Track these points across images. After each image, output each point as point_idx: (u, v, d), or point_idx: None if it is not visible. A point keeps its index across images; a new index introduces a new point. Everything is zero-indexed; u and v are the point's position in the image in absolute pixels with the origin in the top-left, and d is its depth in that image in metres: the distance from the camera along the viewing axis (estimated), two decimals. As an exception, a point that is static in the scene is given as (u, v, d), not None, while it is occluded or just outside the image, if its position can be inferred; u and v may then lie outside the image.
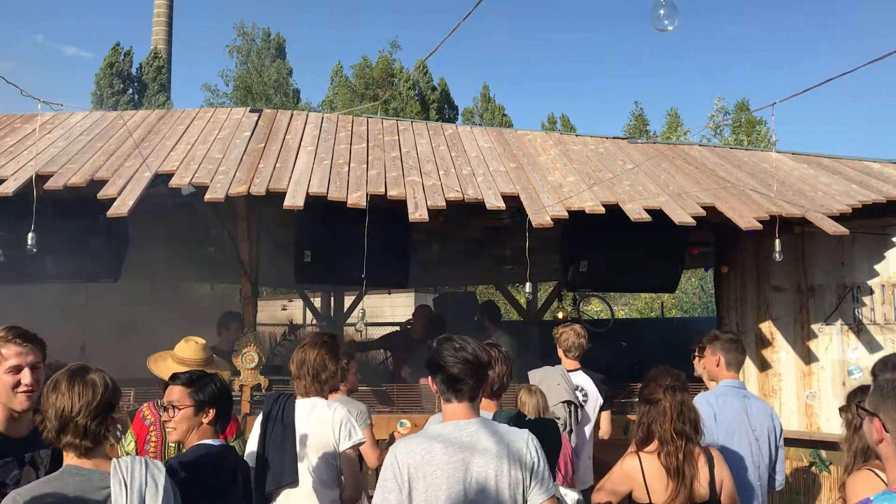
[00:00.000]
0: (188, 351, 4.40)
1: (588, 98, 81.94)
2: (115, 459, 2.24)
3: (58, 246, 5.68)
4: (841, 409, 3.11)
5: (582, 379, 5.31)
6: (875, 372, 1.91)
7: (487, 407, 3.30)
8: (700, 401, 3.97)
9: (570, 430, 5.10)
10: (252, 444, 3.78)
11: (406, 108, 33.61)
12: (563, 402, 5.01)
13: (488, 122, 40.08)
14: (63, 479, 2.15)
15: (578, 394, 5.17)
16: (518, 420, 3.30)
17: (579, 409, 5.12)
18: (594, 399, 5.32)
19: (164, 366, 4.31)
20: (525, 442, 2.53)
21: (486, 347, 2.74)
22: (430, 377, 2.65)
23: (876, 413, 1.84)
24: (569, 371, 5.25)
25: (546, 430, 3.37)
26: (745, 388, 4.20)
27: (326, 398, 3.78)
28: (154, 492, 2.24)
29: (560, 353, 5.39)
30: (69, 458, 2.21)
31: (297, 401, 3.74)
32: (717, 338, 4.14)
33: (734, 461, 3.80)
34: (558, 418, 4.99)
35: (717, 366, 4.06)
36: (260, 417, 3.82)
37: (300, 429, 3.64)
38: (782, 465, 4.02)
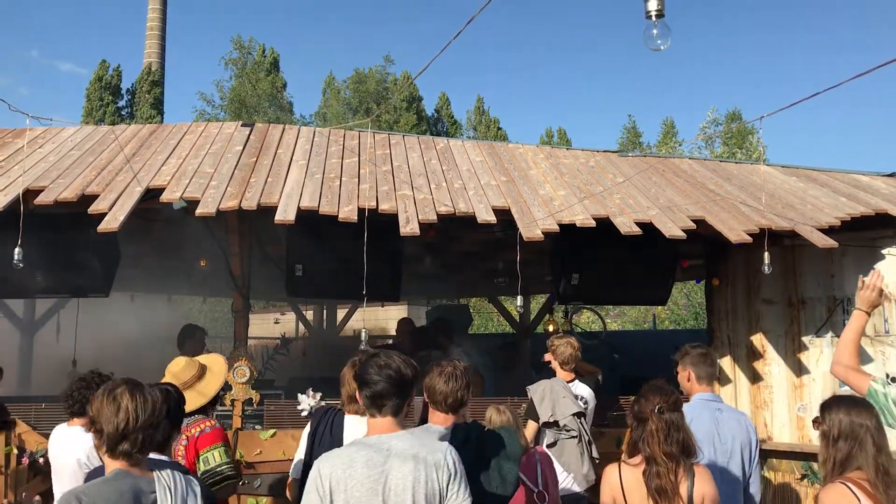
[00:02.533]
0: (174, 365, 4.34)
1: (584, 111, 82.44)
2: (155, 471, 2.41)
3: (48, 261, 5.67)
4: (815, 421, 3.09)
5: (581, 389, 5.34)
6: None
7: (444, 421, 3.30)
8: None
9: (590, 441, 5.11)
10: (300, 454, 3.89)
11: (401, 120, 33.71)
12: (573, 414, 5.02)
13: (482, 136, 40.26)
14: (118, 480, 2.31)
15: (581, 403, 5.19)
16: (478, 431, 3.29)
17: (584, 418, 5.16)
18: (592, 405, 5.40)
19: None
20: (443, 454, 2.61)
21: (412, 363, 2.77)
22: (356, 392, 2.76)
23: None
24: (567, 382, 5.27)
25: (508, 439, 3.35)
26: (720, 401, 4.11)
27: None
28: (194, 501, 2.46)
29: (555, 365, 5.38)
30: (117, 464, 2.36)
31: (346, 416, 3.79)
32: (687, 353, 4.10)
33: None
34: (570, 430, 4.99)
35: (689, 381, 4.04)
36: (307, 429, 3.91)
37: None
38: (757, 479, 3.95)
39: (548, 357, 5.46)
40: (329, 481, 2.54)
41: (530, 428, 5.03)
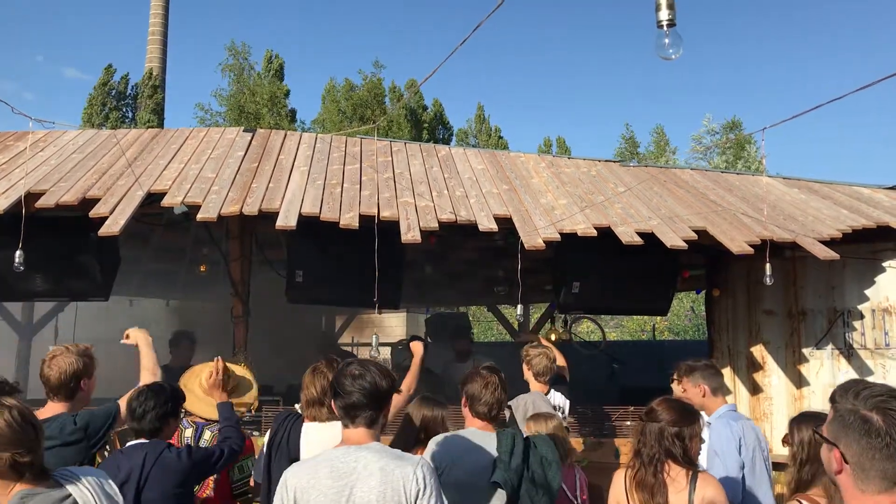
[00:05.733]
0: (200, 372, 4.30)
1: (584, 120, 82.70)
2: (68, 484, 2.27)
3: (48, 264, 5.66)
4: (784, 441, 3.05)
5: (558, 398, 5.24)
6: (835, 398, 1.84)
7: (483, 427, 3.32)
8: (722, 427, 3.93)
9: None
10: (261, 459, 3.75)
11: (394, 127, 33.70)
12: None
13: (483, 143, 40.27)
14: (24, 500, 2.17)
15: (560, 415, 5.11)
16: (522, 438, 3.28)
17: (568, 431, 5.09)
18: (567, 414, 5.31)
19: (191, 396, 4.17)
20: (413, 469, 2.50)
21: (389, 374, 2.70)
22: (332, 400, 2.70)
23: (836, 443, 1.78)
24: (545, 394, 5.18)
25: (550, 445, 3.34)
26: (735, 408, 4.22)
27: None
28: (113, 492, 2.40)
29: (530, 376, 5.18)
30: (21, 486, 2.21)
31: (305, 423, 3.68)
32: (694, 368, 4.11)
33: (758, 488, 3.79)
34: None
35: (704, 396, 4.05)
36: (267, 437, 3.79)
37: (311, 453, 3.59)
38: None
39: (524, 368, 5.29)
40: (294, 491, 2.50)
41: None
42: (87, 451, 3.48)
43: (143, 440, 3.41)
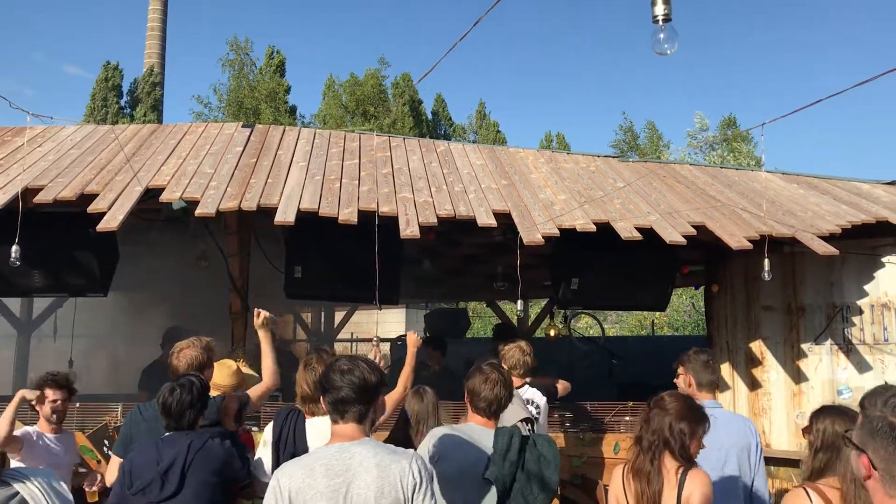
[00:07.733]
0: (219, 376, 4.21)
1: (584, 116, 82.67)
2: (16, 482, 2.36)
3: (47, 260, 5.65)
4: (804, 431, 3.08)
5: (531, 393, 5.23)
6: (864, 404, 1.88)
7: (485, 424, 3.31)
8: None
9: None
10: (266, 461, 3.70)
11: (398, 124, 33.70)
12: (522, 420, 4.91)
13: (483, 139, 40.24)
14: None
15: (531, 408, 5.10)
16: (520, 437, 3.28)
17: (534, 424, 5.05)
18: (545, 411, 5.28)
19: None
20: (408, 463, 2.51)
21: (377, 368, 2.70)
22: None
23: (864, 449, 1.79)
24: (517, 388, 5.16)
25: (549, 445, 3.34)
26: (719, 407, 4.06)
27: None
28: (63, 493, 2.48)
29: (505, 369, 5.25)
30: None
31: (308, 420, 3.67)
32: (689, 359, 4.08)
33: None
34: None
35: (689, 386, 4.04)
36: (270, 434, 3.75)
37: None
38: (764, 485, 3.92)
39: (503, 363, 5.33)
40: (289, 492, 2.45)
41: None
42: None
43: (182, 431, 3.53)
